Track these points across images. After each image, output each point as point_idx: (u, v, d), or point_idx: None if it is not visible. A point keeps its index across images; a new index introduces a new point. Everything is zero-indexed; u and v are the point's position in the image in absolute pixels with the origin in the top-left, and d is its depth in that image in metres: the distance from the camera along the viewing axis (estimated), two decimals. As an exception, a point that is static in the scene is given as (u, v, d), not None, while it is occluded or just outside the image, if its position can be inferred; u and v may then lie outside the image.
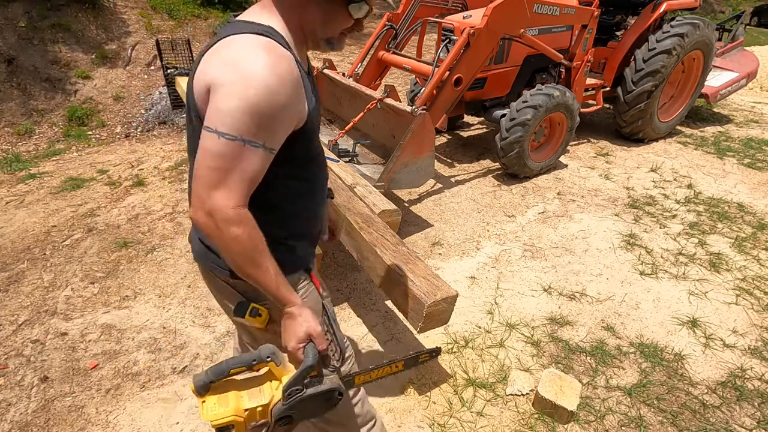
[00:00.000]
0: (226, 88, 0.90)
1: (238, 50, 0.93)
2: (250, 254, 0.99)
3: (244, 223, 0.96)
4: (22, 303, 2.64)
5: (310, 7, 1.03)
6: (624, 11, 5.11)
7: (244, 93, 0.89)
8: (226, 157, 0.91)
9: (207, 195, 0.93)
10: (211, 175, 0.92)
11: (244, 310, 1.13)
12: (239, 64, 0.91)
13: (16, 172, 4.30)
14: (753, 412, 2.03)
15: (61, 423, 1.97)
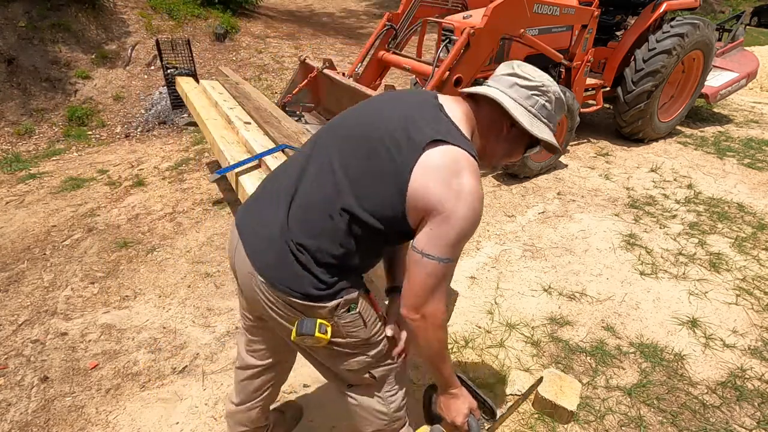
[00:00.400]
0: (453, 222, 1.06)
1: (465, 181, 1.07)
2: (443, 351, 1.22)
3: (445, 328, 1.19)
4: (22, 303, 2.64)
5: (500, 142, 1.25)
6: (624, 11, 5.11)
7: (467, 229, 1.08)
8: (441, 276, 1.10)
9: (424, 302, 1.12)
10: (428, 288, 1.11)
11: (313, 326, 1.18)
12: (467, 201, 1.06)
13: (16, 172, 4.30)
14: (753, 412, 2.03)
15: (61, 423, 1.97)
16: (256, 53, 7.33)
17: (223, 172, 2.58)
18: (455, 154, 1.08)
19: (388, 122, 1.15)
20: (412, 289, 1.12)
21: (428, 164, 1.07)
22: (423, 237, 1.09)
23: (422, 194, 1.07)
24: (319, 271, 1.16)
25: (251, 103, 3.48)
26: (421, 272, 1.09)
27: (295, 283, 1.16)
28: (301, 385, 2.14)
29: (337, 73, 3.85)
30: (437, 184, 1.06)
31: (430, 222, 1.07)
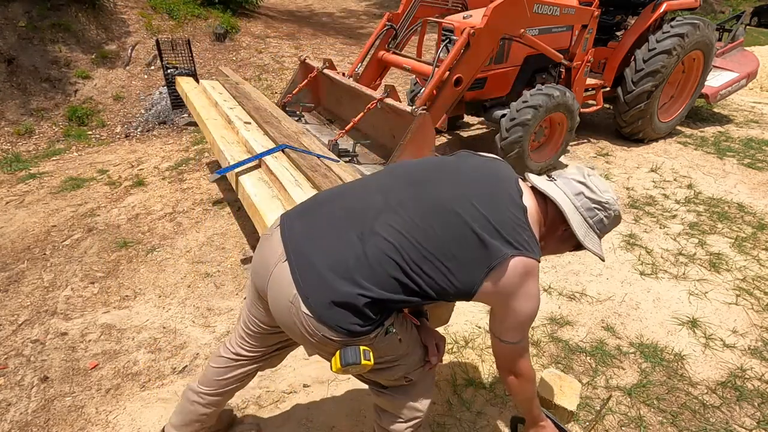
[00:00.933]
0: (519, 316, 1.24)
1: (532, 286, 1.22)
2: (534, 397, 1.42)
3: (534, 380, 1.39)
4: (22, 303, 2.64)
5: (554, 240, 1.38)
6: (624, 11, 5.11)
7: (531, 318, 1.27)
8: (515, 352, 1.30)
9: (511, 365, 1.32)
10: (512, 360, 1.32)
11: (357, 355, 1.19)
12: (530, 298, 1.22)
13: (16, 172, 4.30)
14: (753, 412, 2.03)
15: (61, 423, 1.97)
16: (256, 53, 7.33)
17: (223, 172, 2.58)
18: (530, 265, 1.19)
19: (475, 200, 1.21)
20: (501, 361, 1.34)
21: (507, 273, 1.17)
22: (499, 326, 1.28)
23: (493, 294, 1.20)
24: (369, 312, 1.17)
25: (251, 103, 3.48)
26: (502, 351, 1.31)
27: (344, 321, 1.15)
28: (302, 384, 2.14)
29: (337, 73, 3.85)
30: (509, 288, 1.19)
31: (499, 313, 1.26)
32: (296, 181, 2.37)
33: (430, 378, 1.50)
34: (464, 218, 1.18)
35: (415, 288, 1.18)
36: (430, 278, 1.17)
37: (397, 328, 1.27)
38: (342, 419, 1.98)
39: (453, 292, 1.20)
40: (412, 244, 1.16)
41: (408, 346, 1.34)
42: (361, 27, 10.52)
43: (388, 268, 1.15)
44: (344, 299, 1.14)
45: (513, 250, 1.16)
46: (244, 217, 3.47)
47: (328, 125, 3.99)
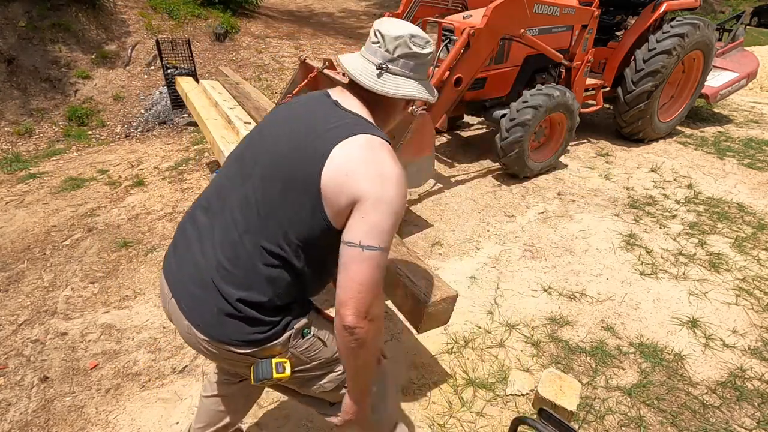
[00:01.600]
0: (384, 207, 1.01)
1: (385, 163, 1.05)
2: (377, 355, 1.18)
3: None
4: (22, 303, 2.64)
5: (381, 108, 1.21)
6: (624, 11, 5.11)
7: (399, 212, 1.04)
8: (381, 267, 1.02)
9: (370, 303, 1.01)
10: (374, 284, 1.01)
11: (269, 369, 1.14)
12: (392, 182, 1.03)
13: (16, 172, 4.30)
14: (753, 412, 2.03)
15: (61, 423, 1.97)
16: (256, 53, 7.33)
17: None
18: (364, 141, 1.05)
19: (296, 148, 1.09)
20: (356, 289, 1.00)
21: (339, 160, 1.02)
22: (356, 229, 1.00)
23: (341, 189, 1.01)
24: (262, 316, 1.10)
25: (251, 103, 3.48)
26: (365, 267, 0.99)
27: (238, 334, 1.10)
28: (301, 385, 2.14)
29: (337, 73, 3.85)
30: (357, 173, 1.01)
31: (359, 212, 1.01)
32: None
33: (379, 383, 1.35)
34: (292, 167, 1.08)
35: (281, 269, 1.08)
36: (287, 240, 1.07)
37: (316, 329, 1.20)
38: (342, 419, 1.98)
39: (312, 226, 1.06)
40: (258, 230, 1.08)
41: (335, 349, 1.20)
42: (361, 27, 10.52)
43: (248, 266, 1.09)
44: (226, 311, 1.09)
45: (341, 136, 1.05)
46: (244, 217, 3.46)
47: (328, 125, 3.99)
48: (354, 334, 1.02)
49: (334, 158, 1.03)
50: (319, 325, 1.23)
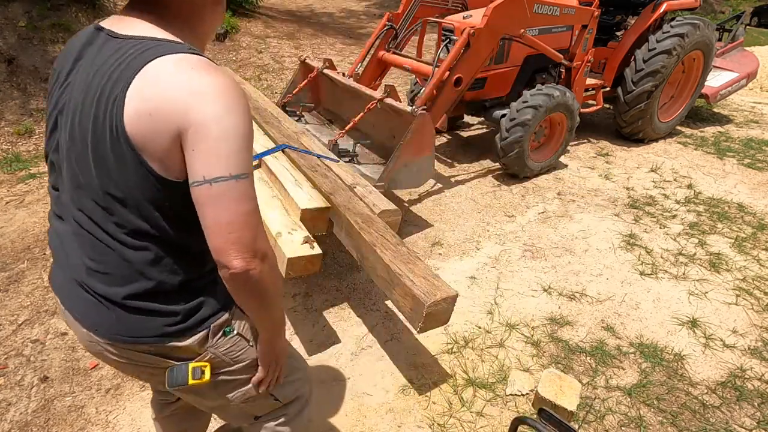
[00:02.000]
0: (212, 128, 0.81)
1: (192, 82, 0.83)
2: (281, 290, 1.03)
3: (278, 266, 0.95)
4: (22, 303, 2.64)
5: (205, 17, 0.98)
6: (624, 11, 5.11)
7: (240, 127, 0.84)
8: (243, 198, 0.85)
9: (254, 238, 0.87)
10: (248, 218, 0.86)
11: (185, 374, 1.01)
12: (218, 95, 0.83)
13: (16, 172, 4.30)
14: (753, 412, 2.03)
15: (61, 423, 1.97)
16: (256, 53, 7.33)
17: None
18: (159, 72, 0.83)
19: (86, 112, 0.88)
20: (226, 231, 0.84)
21: (138, 99, 0.82)
22: (193, 165, 0.82)
23: (153, 131, 0.82)
24: (162, 305, 0.97)
25: (251, 103, 3.48)
26: (223, 204, 0.83)
27: (140, 330, 0.97)
28: (301, 385, 2.14)
29: (337, 73, 3.85)
30: (163, 106, 0.81)
31: (187, 146, 0.82)
32: (296, 181, 2.37)
33: (302, 389, 1.32)
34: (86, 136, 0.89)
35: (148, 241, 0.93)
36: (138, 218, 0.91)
37: (240, 325, 1.08)
38: (342, 419, 1.98)
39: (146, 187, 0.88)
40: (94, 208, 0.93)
41: None
42: (361, 27, 10.52)
43: (113, 253, 0.94)
44: (118, 311, 0.96)
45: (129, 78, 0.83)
46: (244, 217, 3.46)
47: (328, 125, 3.98)
48: (249, 280, 0.88)
49: (132, 99, 0.82)
50: (243, 323, 1.10)
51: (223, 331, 1.04)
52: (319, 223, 2.24)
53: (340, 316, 2.57)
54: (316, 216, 2.20)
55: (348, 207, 2.21)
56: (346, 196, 2.31)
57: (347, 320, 2.54)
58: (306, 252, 1.91)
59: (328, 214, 2.26)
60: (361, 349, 2.35)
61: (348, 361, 2.28)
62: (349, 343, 2.39)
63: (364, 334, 2.45)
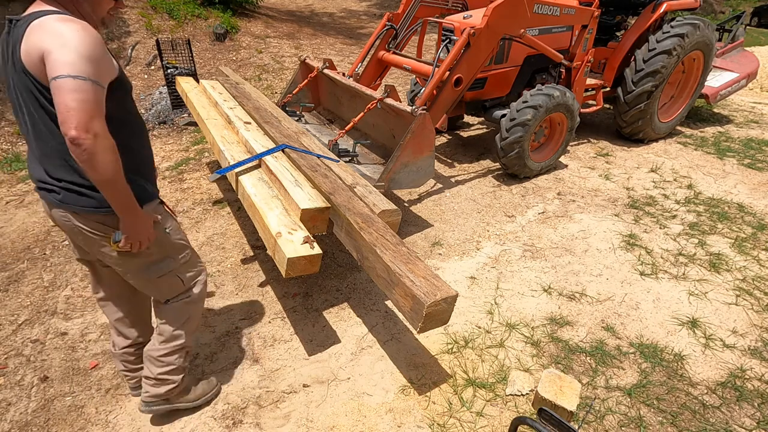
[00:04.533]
0: (60, 45, 1.24)
1: (51, 23, 1.27)
2: (120, 172, 1.36)
3: (116, 152, 1.35)
4: (22, 303, 2.64)
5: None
6: (624, 11, 5.11)
7: (78, 43, 1.25)
8: (79, 91, 1.24)
9: (88, 119, 1.25)
10: (81, 105, 1.24)
11: (118, 236, 1.49)
12: (62, 28, 1.26)
13: (16, 172, 4.30)
14: (753, 413, 2.03)
15: (61, 423, 1.97)
16: (256, 53, 7.33)
17: (223, 172, 2.58)
18: (36, 24, 1.27)
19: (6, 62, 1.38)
20: (68, 113, 1.23)
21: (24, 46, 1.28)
22: (49, 68, 1.24)
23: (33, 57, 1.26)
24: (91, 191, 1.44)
25: (251, 103, 3.48)
26: (64, 93, 1.22)
27: (85, 202, 1.45)
28: (302, 385, 2.14)
29: (337, 73, 3.85)
30: (34, 44, 1.26)
31: (48, 60, 1.24)
32: (296, 181, 2.37)
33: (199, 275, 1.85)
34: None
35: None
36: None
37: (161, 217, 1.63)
38: (342, 419, 1.99)
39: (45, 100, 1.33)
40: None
41: (174, 239, 1.69)
42: (361, 27, 10.52)
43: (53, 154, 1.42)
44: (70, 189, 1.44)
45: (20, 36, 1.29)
46: (244, 217, 3.47)
47: (328, 125, 3.99)
48: (81, 145, 1.25)
49: (26, 44, 1.28)
50: (164, 214, 1.65)
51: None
52: (319, 223, 2.24)
53: (340, 316, 2.57)
54: (316, 216, 2.20)
55: (348, 207, 2.21)
56: (346, 196, 2.31)
57: (347, 320, 2.54)
58: (306, 252, 1.91)
59: (328, 214, 2.26)
60: (361, 349, 2.35)
61: (348, 361, 2.28)
62: (349, 343, 2.39)
63: (364, 334, 2.45)
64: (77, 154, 1.26)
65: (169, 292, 1.77)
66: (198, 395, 2.00)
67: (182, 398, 1.95)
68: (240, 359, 2.28)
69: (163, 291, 1.76)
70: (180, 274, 1.75)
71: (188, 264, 1.78)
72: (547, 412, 1.18)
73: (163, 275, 1.69)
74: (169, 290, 1.76)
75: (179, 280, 1.75)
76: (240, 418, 1.98)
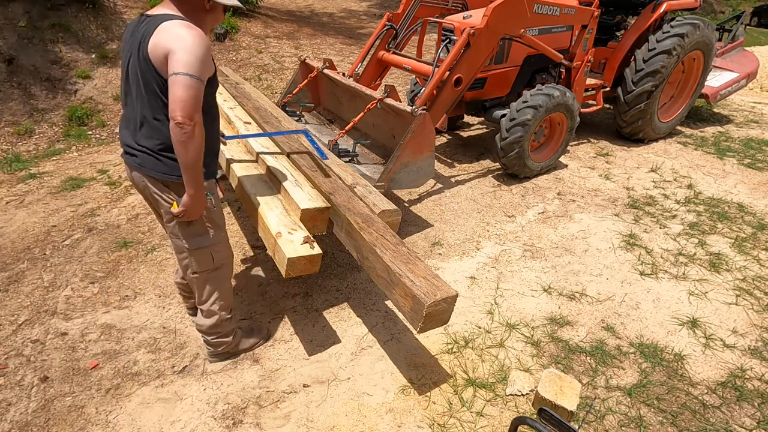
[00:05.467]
0: (183, 49, 1.53)
1: (178, 29, 1.56)
2: (202, 153, 1.65)
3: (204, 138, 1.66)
4: (22, 303, 2.64)
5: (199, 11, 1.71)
6: (624, 11, 5.11)
7: (196, 49, 1.55)
8: (196, 88, 1.55)
9: (193, 111, 1.54)
10: (190, 98, 1.53)
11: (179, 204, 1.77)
12: (186, 35, 1.55)
13: (16, 172, 4.30)
14: (753, 412, 2.03)
15: (61, 423, 1.97)
16: (256, 53, 7.33)
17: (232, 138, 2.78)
18: (165, 25, 1.57)
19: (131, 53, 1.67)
20: (180, 102, 1.52)
21: (153, 40, 1.56)
22: (171, 64, 1.53)
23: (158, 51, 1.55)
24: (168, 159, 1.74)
25: (251, 103, 3.48)
26: (179, 87, 1.51)
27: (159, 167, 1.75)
28: (302, 385, 2.14)
29: (337, 73, 3.85)
30: (161, 42, 1.55)
31: (171, 58, 1.53)
32: (296, 181, 2.37)
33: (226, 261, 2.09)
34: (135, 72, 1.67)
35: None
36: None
37: (213, 195, 1.90)
38: (342, 419, 1.99)
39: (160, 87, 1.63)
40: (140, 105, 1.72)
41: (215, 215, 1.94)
42: (361, 27, 10.52)
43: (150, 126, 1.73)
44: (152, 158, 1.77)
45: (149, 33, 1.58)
46: (244, 217, 3.46)
47: (328, 125, 3.99)
48: (184, 128, 1.54)
49: (152, 40, 1.57)
50: (215, 193, 1.93)
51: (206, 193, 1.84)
52: (319, 223, 2.24)
53: (340, 316, 2.57)
54: (316, 216, 2.20)
55: (348, 207, 2.21)
56: (346, 196, 2.31)
57: (347, 320, 2.54)
58: (306, 252, 1.91)
59: (328, 214, 2.26)
60: (361, 349, 2.35)
61: (348, 361, 2.28)
62: (349, 343, 2.39)
63: (364, 334, 2.45)
64: (178, 135, 1.54)
65: (198, 266, 1.98)
66: (252, 344, 2.33)
67: (239, 348, 2.30)
68: (240, 359, 2.28)
69: (196, 262, 1.97)
70: (214, 252, 1.97)
71: (221, 245, 2.00)
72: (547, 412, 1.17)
73: (198, 248, 1.92)
74: (198, 263, 1.97)
75: (210, 257, 1.97)
76: (240, 418, 1.98)
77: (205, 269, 2.00)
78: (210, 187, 1.88)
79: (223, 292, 2.11)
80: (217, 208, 1.94)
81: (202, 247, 1.93)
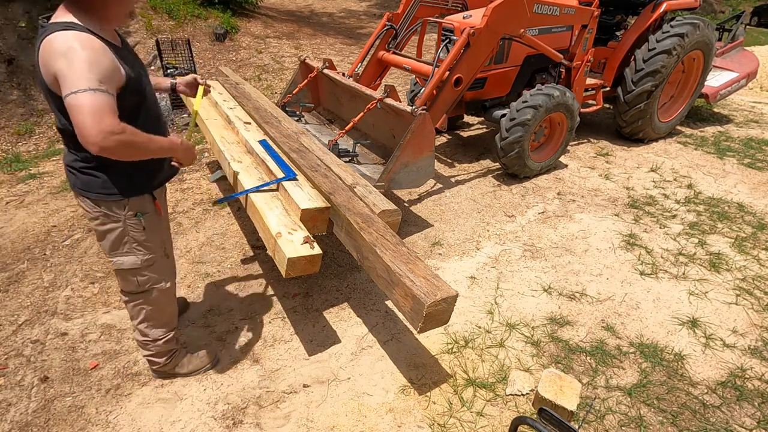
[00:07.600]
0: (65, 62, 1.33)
1: (54, 39, 1.35)
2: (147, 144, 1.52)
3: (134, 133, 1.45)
4: (22, 303, 2.64)
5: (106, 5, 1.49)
6: (624, 11, 5.11)
7: (81, 57, 1.34)
8: (97, 101, 1.33)
9: (99, 130, 1.33)
10: (94, 114, 1.33)
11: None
12: (62, 45, 1.34)
13: (16, 172, 4.30)
14: (753, 412, 2.03)
15: (61, 423, 1.97)
16: (256, 53, 7.33)
17: (231, 198, 2.43)
18: (45, 44, 1.37)
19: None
20: (80, 126, 1.33)
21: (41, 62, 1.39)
22: (61, 86, 1.34)
23: (49, 77, 1.38)
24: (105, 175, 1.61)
25: (251, 103, 3.48)
26: (75, 109, 1.32)
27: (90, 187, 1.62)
28: (302, 385, 2.14)
29: (337, 73, 3.85)
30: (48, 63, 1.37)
31: (59, 80, 1.35)
32: (296, 181, 2.37)
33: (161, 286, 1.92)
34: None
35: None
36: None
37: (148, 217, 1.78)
38: (342, 419, 1.98)
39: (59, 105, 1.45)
40: None
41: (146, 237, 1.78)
42: (361, 27, 10.52)
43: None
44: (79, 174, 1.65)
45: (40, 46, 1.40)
46: (244, 217, 3.46)
47: (328, 125, 3.99)
48: (113, 151, 1.39)
49: (41, 58, 1.39)
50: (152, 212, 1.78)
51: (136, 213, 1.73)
52: (319, 223, 2.24)
53: (340, 316, 2.57)
54: (316, 216, 2.20)
55: (348, 207, 2.20)
56: (346, 196, 2.31)
57: (347, 320, 2.54)
58: (306, 252, 1.91)
59: (328, 214, 2.26)
60: (361, 349, 2.35)
61: (348, 361, 2.28)
62: (349, 343, 2.39)
63: (364, 334, 2.45)
64: (112, 156, 1.41)
65: (122, 285, 1.87)
66: (192, 369, 2.18)
67: (176, 371, 2.16)
68: (240, 359, 2.28)
69: (121, 281, 1.85)
70: (139, 275, 1.82)
71: (152, 269, 1.83)
72: (547, 412, 1.17)
73: (119, 269, 1.78)
74: (122, 283, 1.86)
75: (135, 281, 1.82)
76: (240, 418, 1.98)
77: (129, 291, 1.86)
78: (142, 206, 1.71)
79: (152, 316, 1.94)
80: (151, 230, 1.76)
81: (123, 269, 1.78)
